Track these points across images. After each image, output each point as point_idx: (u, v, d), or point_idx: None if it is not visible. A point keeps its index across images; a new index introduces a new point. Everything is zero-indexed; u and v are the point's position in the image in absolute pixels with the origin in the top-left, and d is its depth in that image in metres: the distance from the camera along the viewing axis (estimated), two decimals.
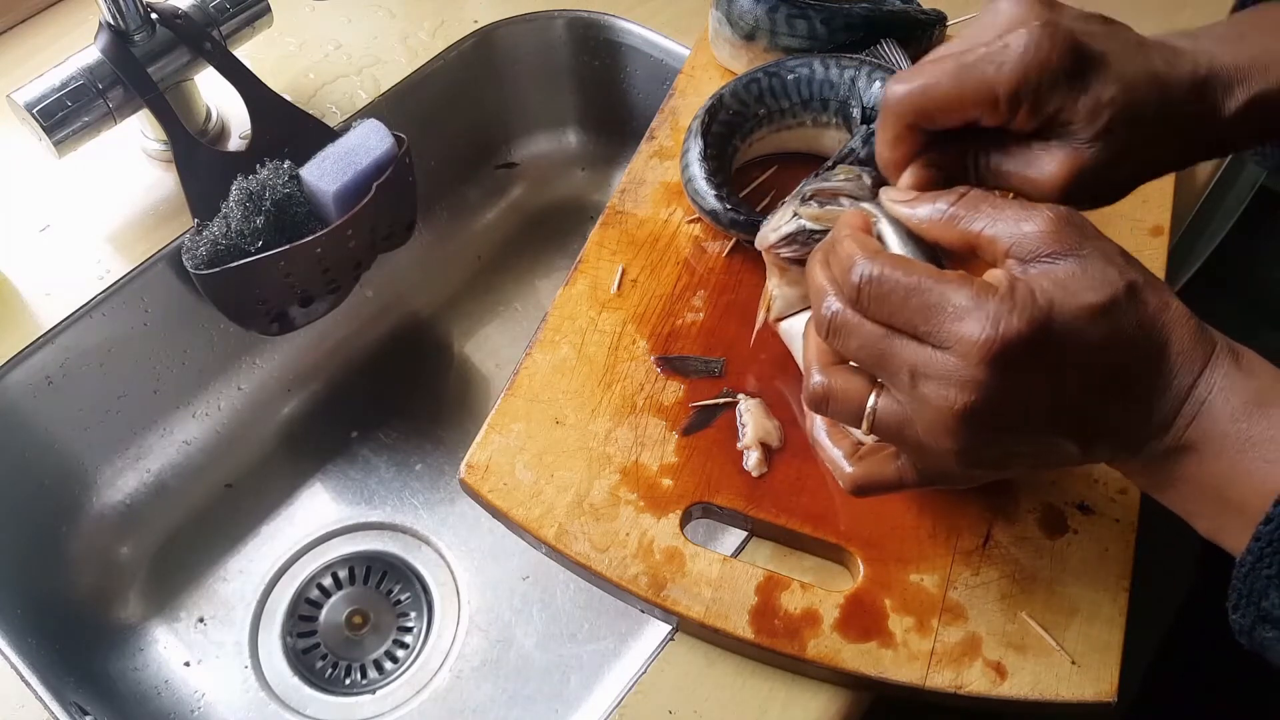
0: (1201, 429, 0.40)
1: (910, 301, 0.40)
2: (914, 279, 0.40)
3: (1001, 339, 0.38)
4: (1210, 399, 0.40)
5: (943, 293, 0.40)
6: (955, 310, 0.39)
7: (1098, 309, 0.39)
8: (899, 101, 0.45)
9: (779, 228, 0.52)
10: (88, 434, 0.72)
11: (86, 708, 0.60)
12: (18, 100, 0.62)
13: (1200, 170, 0.71)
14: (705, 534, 0.60)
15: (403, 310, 0.87)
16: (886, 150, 0.47)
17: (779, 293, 0.55)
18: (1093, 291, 0.39)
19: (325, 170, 0.66)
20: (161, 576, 0.74)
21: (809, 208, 0.50)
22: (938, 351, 0.40)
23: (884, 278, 0.40)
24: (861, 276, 0.41)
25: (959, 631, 0.51)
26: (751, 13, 0.68)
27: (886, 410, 0.42)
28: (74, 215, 0.71)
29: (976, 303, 0.39)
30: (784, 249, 0.52)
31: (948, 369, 0.39)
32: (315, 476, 0.79)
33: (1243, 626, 0.41)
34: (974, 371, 0.39)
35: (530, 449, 0.56)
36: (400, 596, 0.74)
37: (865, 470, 0.47)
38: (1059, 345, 0.39)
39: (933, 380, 0.40)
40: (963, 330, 0.39)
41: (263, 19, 0.71)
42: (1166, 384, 0.40)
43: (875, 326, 0.41)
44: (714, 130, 0.65)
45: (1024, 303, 0.39)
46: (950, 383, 0.39)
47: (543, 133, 0.92)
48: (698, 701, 0.51)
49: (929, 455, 0.43)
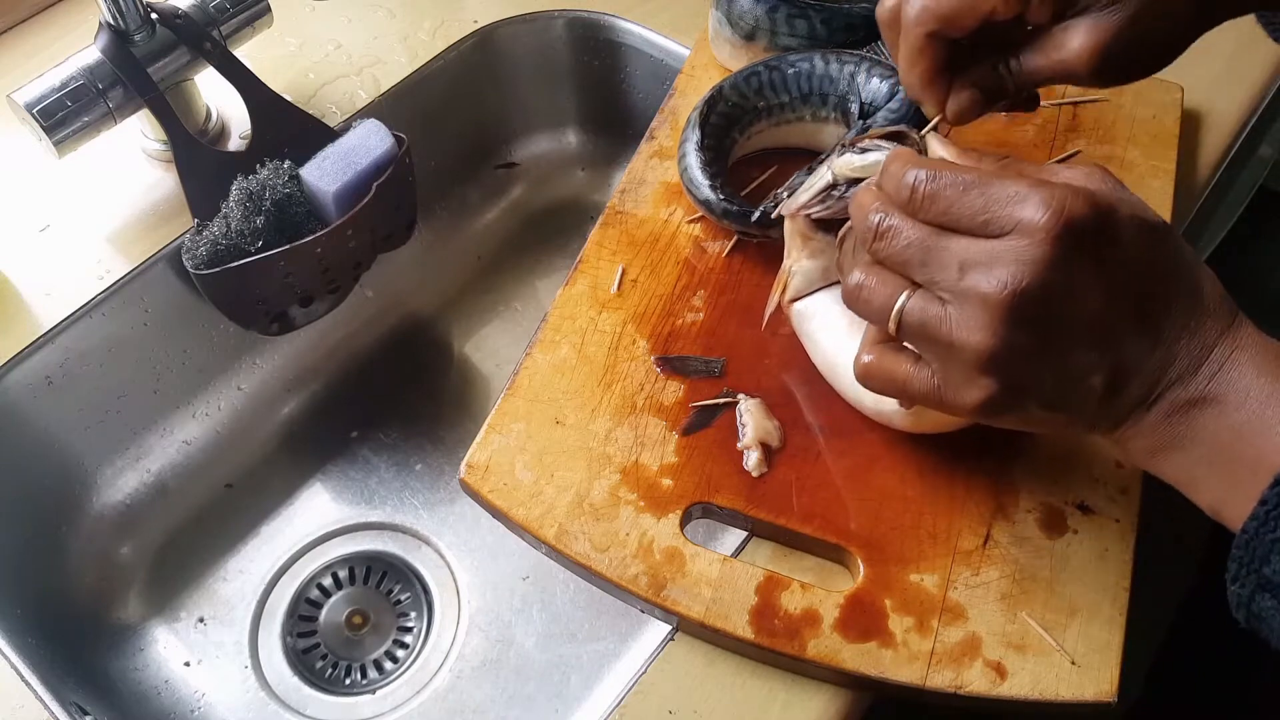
0: (1227, 379, 0.40)
1: (968, 194, 0.40)
2: (971, 175, 0.41)
3: (1067, 217, 0.38)
4: (1235, 353, 0.40)
5: (1003, 183, 0.40)
6: (1016, 195, 0.39)
7: (1150, 225, 0.41)
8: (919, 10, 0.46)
9: (811, 185, 0.52)
10: (88, 434, 0.72)
11: (86, 708, 0.60)
12: (18, 100, 0.62)
13: (1200, 170, 0.72)
14: (705, 534, 0.60)
15: (403, 310, 0.87)
16: (908, 67, 0.47)
17: (799, 268, 0.55)
18: (1144, 212, 0.41)
19: (325, 170, 0.66)
20: (161, 576, 0.74)
21: (847, 160, 0.50)
22: (993, 240, 0.40)
23: (939, 175, 0.41)
24: (916, 177, 0.41)
25: (959, 631, 0.51)
26: (751, 13, 0.68)
27: (916, 308, 0.42)
28: (74, 215, 0.71)
29: (1038, 189, 0.39)
30: (815, 207, 0.52)
31: (1005, 251, 0.39)
32: (315, 476, 0.79)
33: (1241, 598, 0.41)
34: (1034, 250, 0.39)
35: (530, 449, 0.56)
36: (400, 596, 0.74)
37: (879, 358, 0.45)
38: (1115, 242, 0.40)
39: (985, 266, 0.40)
40: (1024, 213, 0.39)
41: (263, 19, 0.71)
42: (1196, 327, 0.41)
43: (924, 226, 0.41)
44: (712, 121, 0.65)
45: (1085, 192, 0.39)
46: (1006, 263, 0.39)
47: (543, 133, 0.92)
48: (698, 701, 0.51)
49: (955, 359, 0.42)
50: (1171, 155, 0.68)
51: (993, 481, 0.55)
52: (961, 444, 0.55)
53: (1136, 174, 0.67)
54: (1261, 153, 0.98)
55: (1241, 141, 0.75)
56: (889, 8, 0.49)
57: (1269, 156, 0.99)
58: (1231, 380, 0.40)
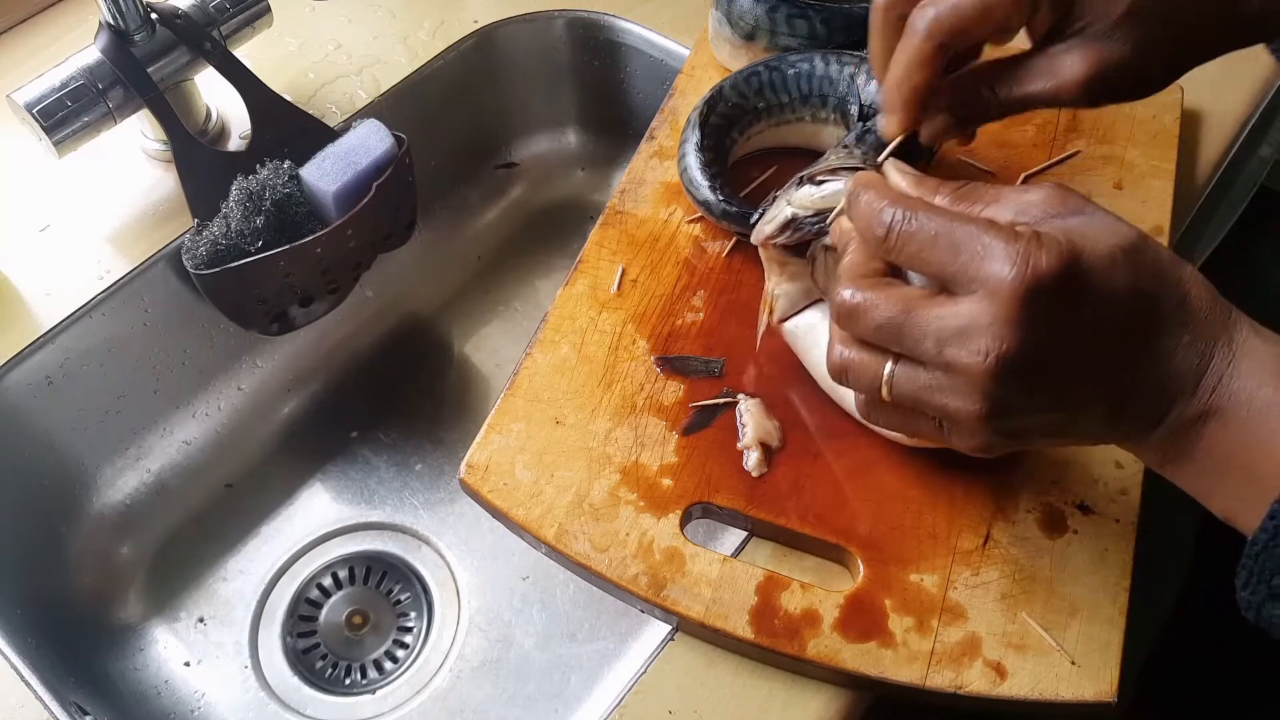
0: (1229, 392, 0.40)
1: (937, 244, 0.39)
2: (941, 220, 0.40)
3: (1033, 275, 0.37)
4: (1234, 364, 0.40)
5: (969, 233, 0.39)
6: (982, 250, 0.38)
7: (1119, 251, 0.39)
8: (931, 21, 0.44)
9: (774, 218, 0.52)
10: (88, 434, 0.72)
11: (86, 708, 0.60)
12: (18, 100, 0.62)
13: (1200, 170, 0.71)
14: (705, 534, 0.60)
15: (403, 310, 0.87)
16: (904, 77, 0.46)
17: (780, 291, 0.55)
18: (1112, 237, 0.40)
19: (325, 170, 0.66)
20: (161, 576, 0.74)
21: (805, 193, 0.50)
22: (964, 302, 0.39)
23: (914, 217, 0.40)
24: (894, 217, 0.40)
25: (959, 631, 0.51)
26: (751, 13, 0.68)
27: (904, 379, 0.42)
28: (74, 215, 0.71)
29: (1004, 241, 0.38)
30: (781, 237, 0.51)
31: (976, 315, 0.38)
32: (315, 476, 0.79)
33: (1250, 603, 0.41)
34: (1006, 313, 0.38)
35: (530, 449, 0.56)
36: (400, 596, 0.74)
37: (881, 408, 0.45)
38: (1087, 286, 0.39)
39: (961, 337, 0.39)
40: (990, 269, 0.38)
41: (263, 19, 0.71)
42: (1191, 342, 0.40)
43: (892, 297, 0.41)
44: (712, 122, 0.65)
45: (1051, 243, 0.38)
46: (980, 331, 0.38)
47: (543, 133, 0.92)
48: (698, 701, 0.51)
49: (952, 420, 0.42)
50: (1171, 155, 0.68)
51: (992, 481, 0.55)
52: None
53: (1136, 174, 0.67)
54: (1261, 153, 0.98)
55: (1241, 141, 0.75)
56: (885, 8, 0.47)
57: (1269, 156, 0.99)
58: (1233, 393, 0.40)
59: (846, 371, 0.44)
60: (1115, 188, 0.67)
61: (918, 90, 0.46)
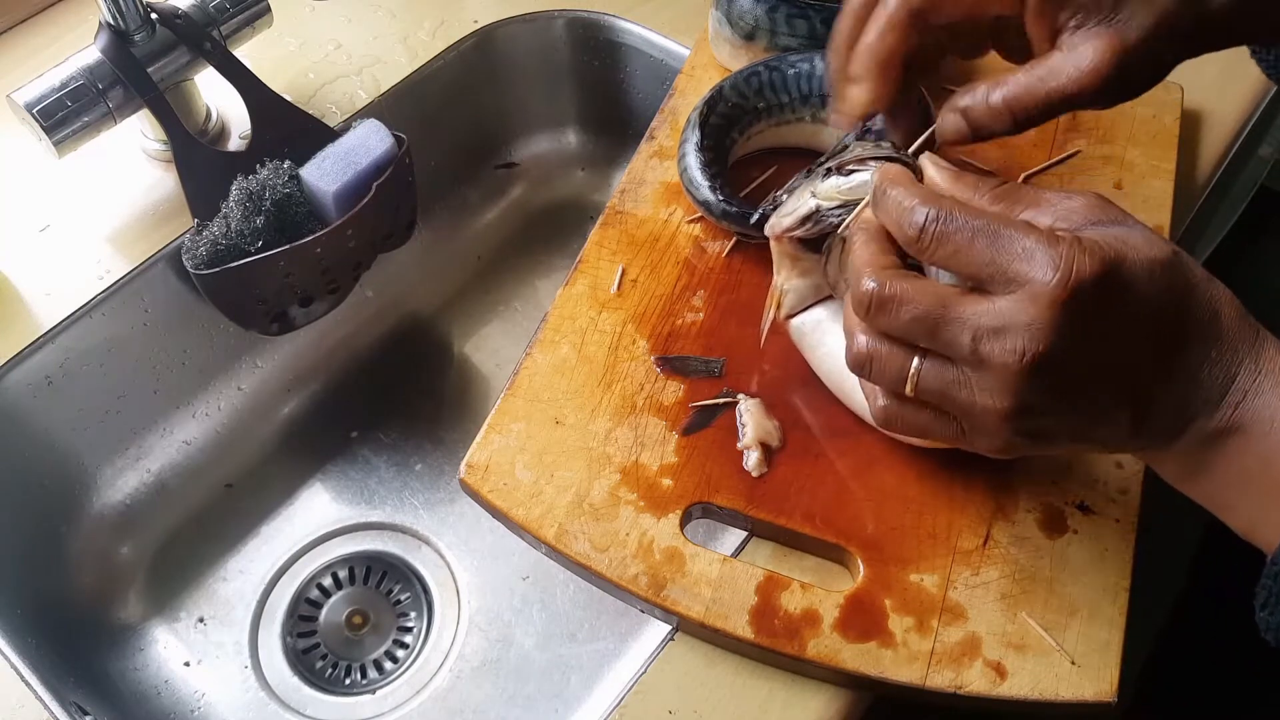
0: (1252, 409, 0.40)
1: (976, 243, 0.39)
2: (981, 220, 0.39)
3: (1076, 279, 0.37)
4: (1259, 382, 0.40)
5: (1011, 235, 0.39)
6: (1024, 251, 0.38)
7: (1159, 263, 0.40)
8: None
9: (794, 210, 0.50)
10: (88, 434, 0.72)
11: (86, 708, 0.60)
12: (18, 100, 0.62)
13: (1200, 170, 0.71)
14: (705, 534, 0.60)
15: (403, 310, 0.87)
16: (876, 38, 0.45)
17: (789, 286, 0.54)
18: (1150, 249, 0.40)
19: (325, 170, 0.66)
20: (161, 576, 0.74)
21: (832, 184, 0.49)
22: (1002, 300, 0.39)
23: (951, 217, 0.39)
24: (928, 216, 0.40)
25: (959, 631, 0.51)
26: (751, 13, 0.68)
27: (932, 375, 0.41)
28: (74, 215, 0.71)
29: (1047, 246, 0.38)
30: (800, 230, 0.50)
31: (1016, 314, 0.38)
32: (315, 476, 0.79)
33: (1270, 625, 0.41)
34: (1046, 314, 0.38)
35: (530, 449, 0.56)
36: (400, 596, 0.74)
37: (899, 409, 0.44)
38: (1125, 295, 0.39)
39: (998, 334, 0.38)
40: (1033, 273, 0.38)
41: (263, 19, 0.71)
42: (1218, 357, 0.40)
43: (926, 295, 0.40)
44: (712, 122, 0.65)
45: (1093, 248, 0.38)
46: (1019, 329, 0.38)
47: (543, 133, 0.92)
48: (698, 701, 0.51)
49: (976, 419, 0.41)
50: (1171, 155, 0.68)
51: (992, 481, 0.55)
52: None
53: (1136, 174, 0.67)
54: (1261, 153, 0.98)
55: (1241, 141, 0.75)
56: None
57: (1269, 156, 0.99)
58: (1256, 410, 0.40)
59: (871, 363, 0.43)
60: (1115, 188, 0.67)
61: (890, 56, 0.45)
